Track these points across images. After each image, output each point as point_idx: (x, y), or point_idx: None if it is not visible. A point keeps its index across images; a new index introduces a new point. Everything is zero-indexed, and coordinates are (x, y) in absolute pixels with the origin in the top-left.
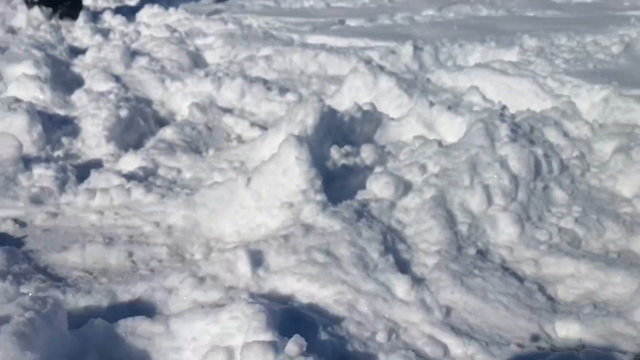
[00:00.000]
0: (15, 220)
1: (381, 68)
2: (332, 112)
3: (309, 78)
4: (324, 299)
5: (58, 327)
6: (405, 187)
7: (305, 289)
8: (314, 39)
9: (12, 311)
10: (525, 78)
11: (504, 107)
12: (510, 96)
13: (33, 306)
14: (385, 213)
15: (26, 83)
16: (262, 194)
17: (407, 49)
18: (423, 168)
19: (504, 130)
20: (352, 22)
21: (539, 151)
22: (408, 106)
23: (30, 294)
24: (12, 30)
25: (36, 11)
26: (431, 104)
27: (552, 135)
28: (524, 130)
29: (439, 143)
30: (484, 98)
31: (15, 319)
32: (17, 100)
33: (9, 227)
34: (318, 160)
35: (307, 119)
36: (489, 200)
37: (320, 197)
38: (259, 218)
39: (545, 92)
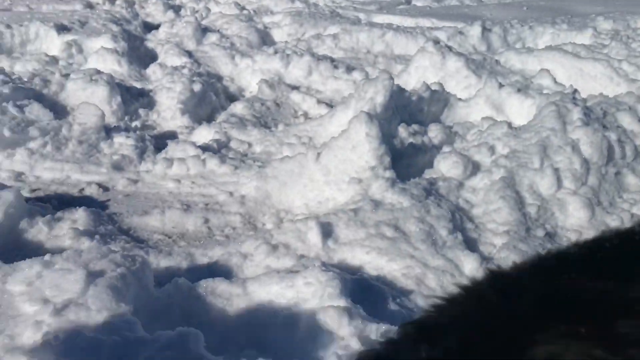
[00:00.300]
0: (99, 185)
1: (449, 48)
2: (401, 90)
3: (375, 57)
4: (392, 272)
5: (145, 283)
6: (474, 168)
7: (373, 261)
8: (380, 19)
9: (105, 266)
10: (599, 62)
11: (575, 91)
12: (582, 80)
13: (124, 263)
14: (453, 192)
15: (105, 56)
16: (331, 169)
17: (475, 30)
18: (492, 149)
19: (576, 114)
20: (418, 2)
21: (612, 136)
22: (476, 87)
23: (120, 252)
24: (90, 5)
25: None
26: (500, 86)
27: (626, 120)
28: (596, 115)
29: (509, 125)
30: (555, 81)
31: (108, 274)
32: (98, 72)
33: (93, 191)
34: (386, 138)
35: (376, 96)
36: (559, 184)
37: (389, 173)
38: (328, 192)
39: (620, 76)
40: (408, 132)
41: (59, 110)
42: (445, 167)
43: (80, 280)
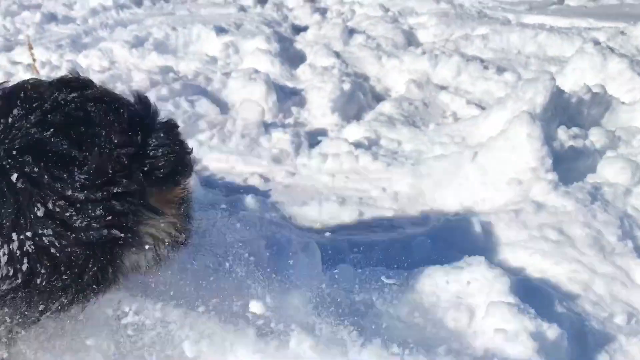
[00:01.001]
0: (261, 175)
1: (610, 49)
2: (559, 92)
3: (527, 58)
4: (558, 275)
5: (316, 267)
6: None
7: (537, 263)
8: (530, 19)
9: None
10: None
11: None
12: None
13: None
14: (620, 198)
15: (260, 56)
16: (488, 169)
17: (639, 30)
18: None
19: None
20: (571, 2)
21: None
22: None
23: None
24: (243, 9)
25: None
26: None
27: None
28: None
29: None
30: None
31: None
32: (256, 71)
33: (256, 181)
34: (546, 139)
35: (536, 97)
36: None
37: (552, 176)
38: (484, 192)
39: None
40: (568, 135)
41: (222, 106)
42: (611, 172)
43: None
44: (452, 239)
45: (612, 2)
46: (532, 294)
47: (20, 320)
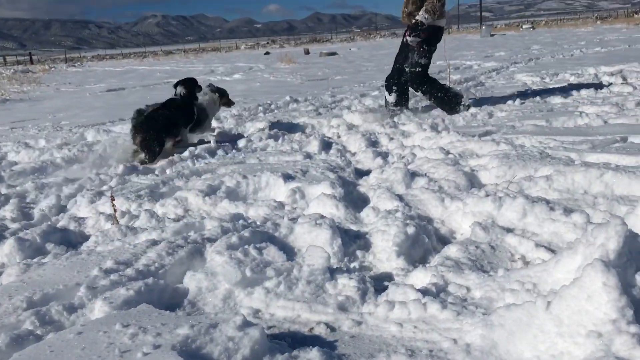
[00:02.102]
0: (327, 325)
1: None
2: (634, 235)
3: (594, 198)
4: None
5: None
6: None
7: None
8: (594, 158)
9: None
10: None
11: None
12: None
13: None
14: None
15: (325, 201)
16: (563, 319)
17: None
18: None
19: None
20: (636, 139)
21: None
22: None
23: None
24: (309, 156)
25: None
26: None
27: None
28: None
29: None
30: None
31: None
32: (322, 216)
33: (322, 331)
34: (624, 287)
35: (608, 242)
36: None
37: (634, 328)
38: (561, 345)
39: None
40: None
41: (288, 252)
42: None
43: None
44: None
45: None
46: None
47: None
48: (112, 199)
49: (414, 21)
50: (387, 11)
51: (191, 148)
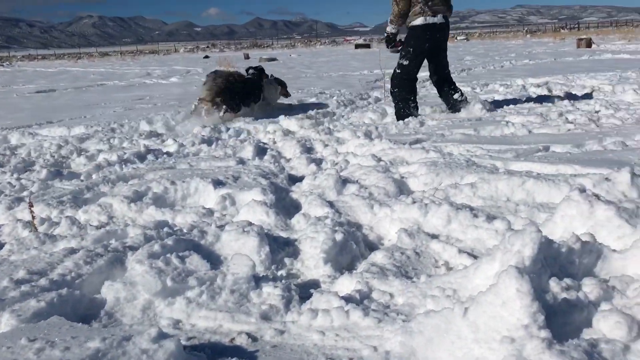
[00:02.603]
0: (248, 335)
1: (597, 196)
2: (549, 242)
3: (516, 205)
4: None
5: None
6: None
7: None
8: (518, 166)
9: None
10: None
11: None
12: None
13: None
14: (618, 356)
15: (255, 208)
16: (480, 325)
17: (623, 176)
18: None
19: None
20: (557, 149)
21: None
22: (631, 237)
23: None
24: (242, 161)
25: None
26: None
27: None
28: None
29: None
30: None
31: None
32: (250, 223)
33: (243, 341)
34: (537, 293)
35: (524, 249)
36: None
37: (545, 333)
38: (477, 351)
39: None
40: (560, 287)
41: (214, 261)
42: (607, 327)
43: None
44: None
45: (595, 147)
46: None
47: None
48: (30, 205)
49: (385, 34)
50: (327, 19)
51: (119, 152)
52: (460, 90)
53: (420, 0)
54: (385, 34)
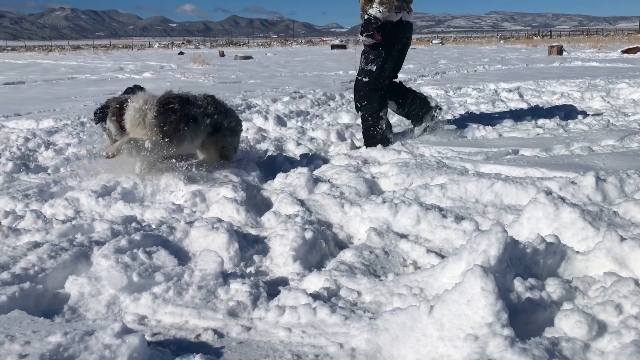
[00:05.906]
0: (215, 331)
1: (562, 199)
2: (515, 242)
3: (484, 206)
4: None
5: None
6: (600, 328)
7: None
8: (487, 168)
9: None
10: None
11: None
12: None
13: None
14: (578, 354)
15: (225, 205)
16: (445, 323)
17: (588, 180)
18: (619, 308)
19: None
20: (526, 152)
21: None
22: (594, 240)
23: None
24: None
25: None
26: (622, 239)
27: None
28: None
29: (636, 282)
30: None
31: None
32: (220, 220)
33: (209, 337)
34: (502, 292)
35: (490, 249)
36: None
37: (508, 331)
38: (442, 348)
39: None
40: (525, 287)
41: (182, 257)
42: (568, 326)
43: None
44: None
45: (563, 152)
46: None
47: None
48: None
49: (366, 17)
50: (304, 19)
51: (89, 147)
52: (419, 95)
53: None
54: (367, 16)
